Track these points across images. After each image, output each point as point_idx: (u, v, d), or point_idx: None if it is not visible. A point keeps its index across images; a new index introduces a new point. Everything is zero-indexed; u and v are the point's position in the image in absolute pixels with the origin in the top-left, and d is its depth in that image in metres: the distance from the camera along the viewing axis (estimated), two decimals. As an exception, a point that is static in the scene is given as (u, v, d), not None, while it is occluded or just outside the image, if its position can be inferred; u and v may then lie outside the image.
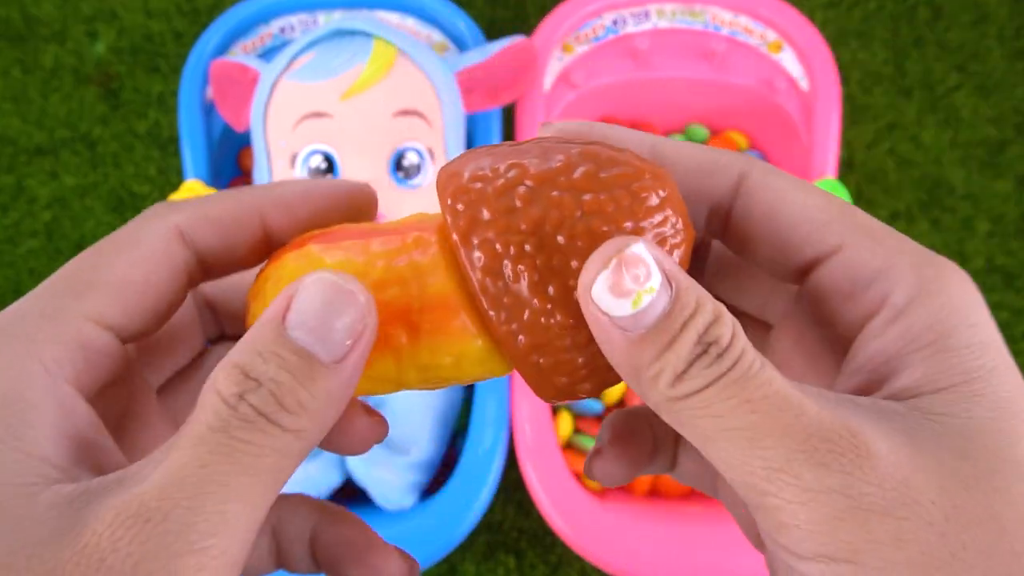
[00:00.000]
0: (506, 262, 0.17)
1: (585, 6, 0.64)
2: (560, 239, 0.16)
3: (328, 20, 0.67)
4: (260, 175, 0.57)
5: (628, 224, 0.17)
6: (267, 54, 0.67)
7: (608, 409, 0.61)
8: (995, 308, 0.70)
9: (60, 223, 0.72)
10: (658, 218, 0.17)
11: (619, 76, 0.65)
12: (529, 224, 0.17)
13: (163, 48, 0.77)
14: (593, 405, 0.60)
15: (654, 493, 0.60)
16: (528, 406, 0.56)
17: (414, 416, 0.56)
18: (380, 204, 0.56)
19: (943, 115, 0.75)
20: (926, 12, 0.77)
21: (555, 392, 0.18)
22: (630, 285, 0.15)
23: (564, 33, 0.64)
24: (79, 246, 0.72)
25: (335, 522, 0.20)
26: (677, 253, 0.17)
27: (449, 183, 0.17)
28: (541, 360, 0.17)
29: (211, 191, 0.58)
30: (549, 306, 0.17)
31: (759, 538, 0.20)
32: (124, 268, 0.16)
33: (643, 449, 0.21)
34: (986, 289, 0.71)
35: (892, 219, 0.72)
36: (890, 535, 0.14)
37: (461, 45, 0.65)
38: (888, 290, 0.16)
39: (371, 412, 0.20)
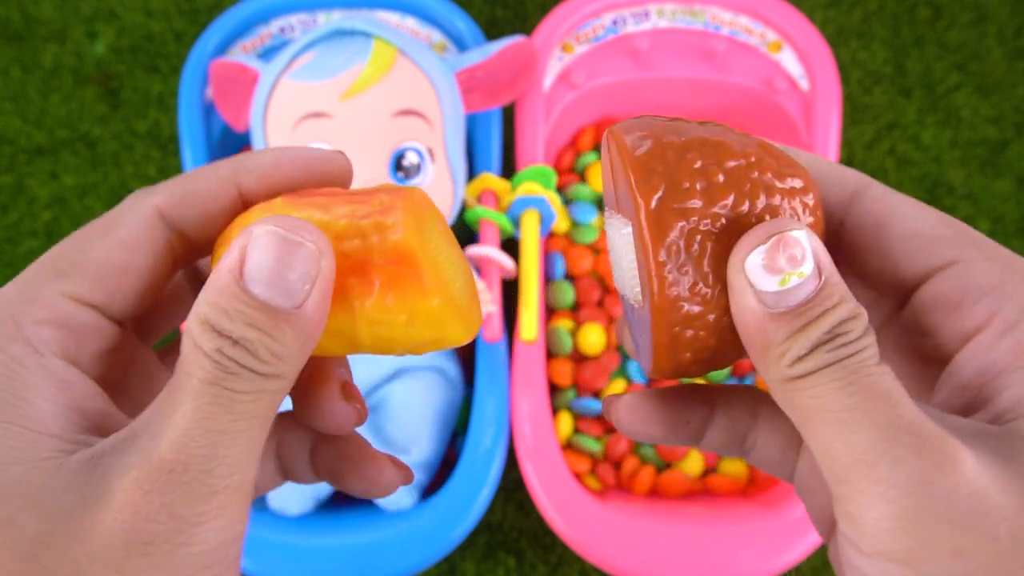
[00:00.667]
0: (697, 236, 0.18)
1: (585, 6, 0.64)
2: (742, 224, 0.18)
3: (328, 20, 0.67)
4: (260, 175, 0.57)
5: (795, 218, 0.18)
6: (267, 54, 0.67)
7: (608, 409, 0.61)
8: (995, 308, 0.70)
9: (60, 223, 0.72)
10: (811, 219, 0.18)
11: (619, 76, 0.65)
12: (722, 204, 0.18)
13: (163, 48, 0.77)
14: (593, 405, 0.60)
15: (654, 493, 0.60)
16: (528, 406, 0.56)
17: (414, 416, 0.56)
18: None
19: (943, 115, 0.75)
20: (926, 12, 0.77)
21: (672, 366, 0.19)
22: (783, 264, 0.16)
23: (564, 33, 0.64)
24: (79, 246, 0.72)
25: (330, 438, 0.21)
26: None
27: (641, 143, 0.18)
28: (682, 331, 0.18)
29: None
30: (713, 283, 0.18)
31: (826, 526, 0.20)
32: (104, 251, 0.17)
33: (674, 415, 0.21)
34: (986, 289, 0.71)
35: (892, 219, 0.72)
36: (951, 544, 0.14)
37: (461, 45, 0.65)
38: (999, 306, 0.17)
39: (348, 396, 0.20)
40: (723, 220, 0.18)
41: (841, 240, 0.19)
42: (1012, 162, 0.73)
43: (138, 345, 0.20)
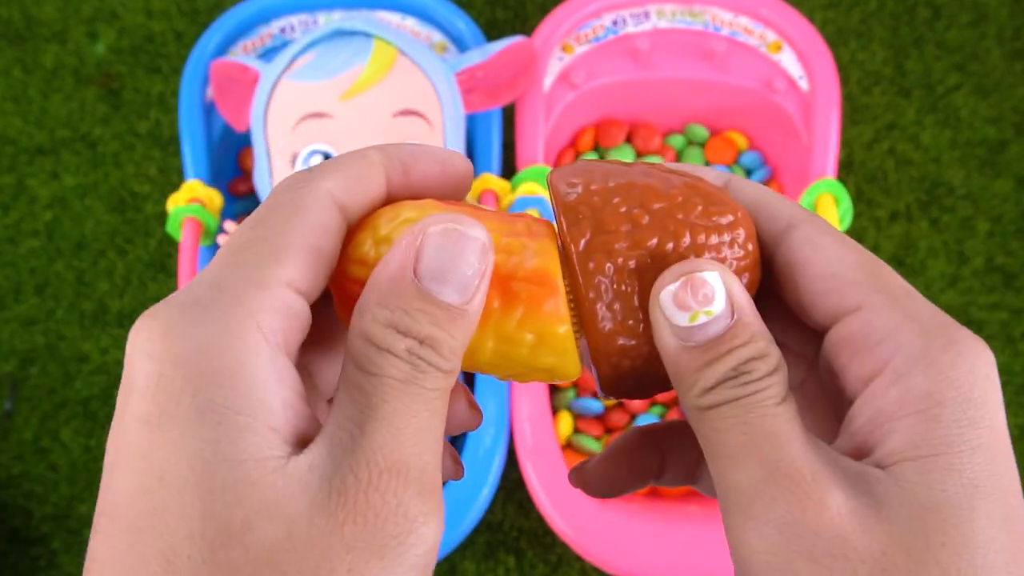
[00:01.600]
0: (625, 274, 0.18)
1: (585, 6, 0.64)
2: (667, 262, 0.18)
3: (328, 20, 0.67)
4: (260, 175, 0.57)
5: (717, 255, 0.19)
6: (267, 54, 0.67)
7: (608, 409, 0.62)
8: (994, 308, 0.70)
9: (60, 223, 0.73)
10: (741, 252, 0.19)
11: (619, 76, 0.65)
12: (647, 244, 0.18)
13: (164, 48, 0.77)
14: (593, 405, 0.60)
15: (654, 493, 0.60)
16: (528, 406, 0.56)
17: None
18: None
19: (943, 115, 0.75)
20: (926, 12, 0.77)
21: (617, 391, 0.20)
22: (691, 303, 0.17)
23: (564, 33, 0.64)
24: (79, 246, 0.72)
25: None
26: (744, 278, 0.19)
27: (570, 190, 0.19)
28: (619, 362, 0.19)
29: (212, 191, 0.58)
30: (643, 318, 0.18)
31: None
32: (304, 235, 0.17)
33: (635, 469, 0.22)
34: (986, 289, 0.71)
35: (892, 219, 0.72)
36: None
37: (461, 45, 0.65)
38: (892, 354, 0.17)
39: (472, 403, 0.21)
40: (649, 259, 0.18)
41: (771, 275, 0.20)
42: (1011, 162, 0.73)
43: None
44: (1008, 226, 0.72)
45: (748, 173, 0.69)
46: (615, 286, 0.18)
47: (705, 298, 0.17)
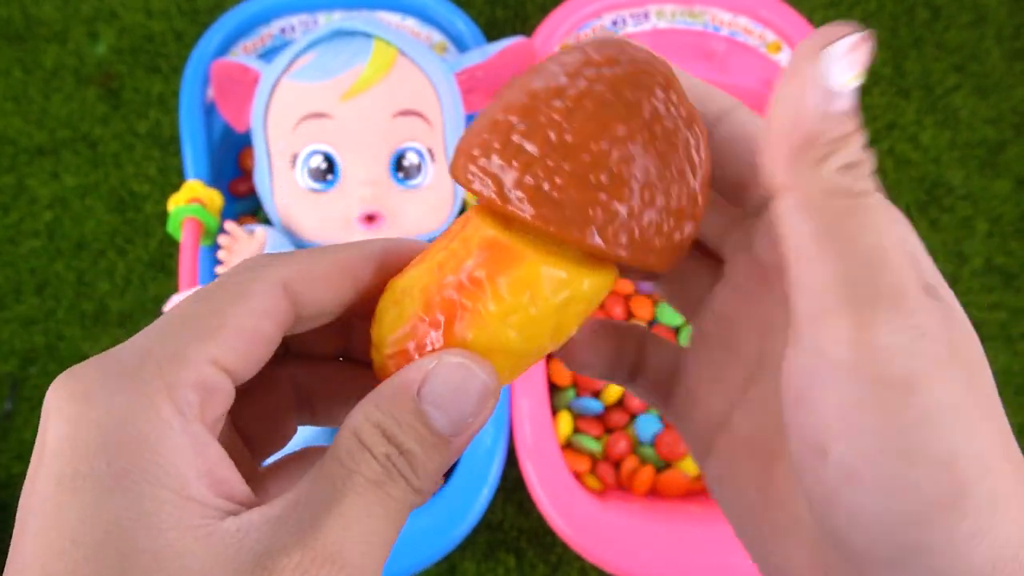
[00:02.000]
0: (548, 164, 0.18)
1: (585, 7, 0.64)
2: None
3: (328, 21, 0.67)
4: (261, 175, 0.57)
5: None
6: (267, 54, 0.67)
7: (607, 409, 0.62)
8: (994, 308, 0.70)
9: (61, 223, 0.73)
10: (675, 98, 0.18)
11: (619, 76, 0.65)
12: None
13: (164, 48, 0.77)
14: (593, 405, 0.60)
15: (654, 493, 0.60)
16: (528, 406, 0.56)
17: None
18: (381, 204, 0.56)
19: (942, 115, 0.75)
20: (925, 13, 0.77)
21: (669, 262, 0.19)
22: (857, 61, 0.15)
23: (564, 33, 0.65)
24: (79, 246, 0.72)
25: None
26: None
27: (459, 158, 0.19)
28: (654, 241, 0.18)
29: (212, 191, 0.58)
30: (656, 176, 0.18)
31: (703, 446, 0.21)
32: (240, 318, 0.17)
33: (615, 349, 0.22)
34: (985, 289, 0.71)
35: (891, 219, 0.72)
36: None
37: (461, 45, 0.65)
38: None
39: None
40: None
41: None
42: (1010, 162, 0.74)
43: None
44: (1007, 226, 0.72)
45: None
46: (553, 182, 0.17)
47: (863, 63, 0.15)
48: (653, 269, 0.18)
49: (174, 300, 0.55)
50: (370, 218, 0.54)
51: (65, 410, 0.15)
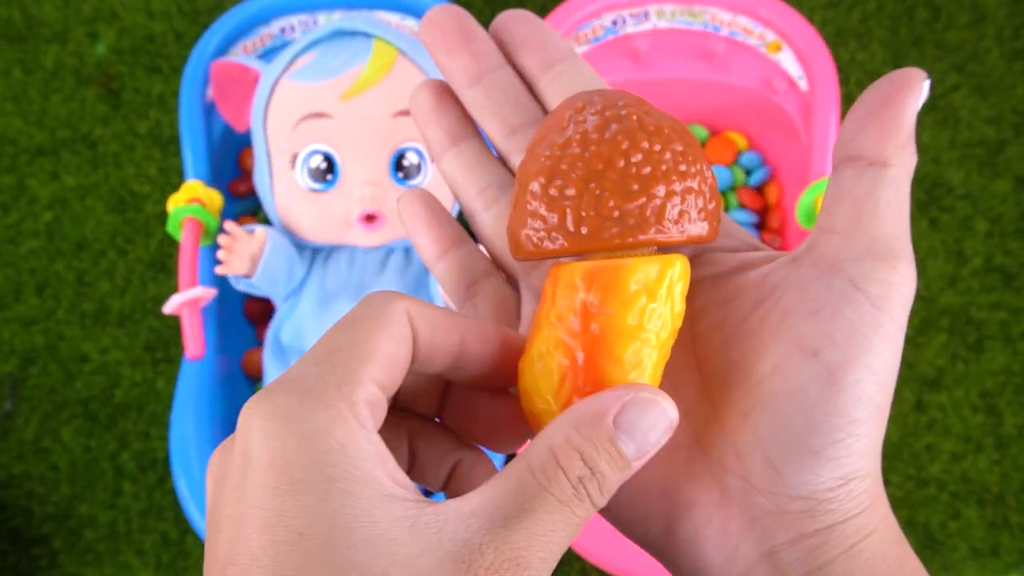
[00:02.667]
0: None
1: (585, 6, 0.64)
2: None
3: (328, 21, 0.67)
4: (260, 175, 0.57)
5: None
6: (267, 55, 0.67)
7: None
8: (994, 308, 0.71)
9: (61, 223, 0.73)
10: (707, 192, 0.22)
11: (619, 76, 0.65)
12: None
13: (164, 48, 0.77)
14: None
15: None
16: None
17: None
18: (381, 204, 0.56)
19: (942, 115, 0.75)
20: (925, 12, 0.77)
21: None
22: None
23: (563, 33, 0.65)
24: (80, 246, 0.72)
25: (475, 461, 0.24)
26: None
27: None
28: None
29: (212, 191, 0.59)
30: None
31: None
32: (384, 342, 0.20)
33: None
34: (985, 289, 0.71)
35: (891, 219, 0.73)
36: None
37: (461, 45, 0.65)
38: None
39: None
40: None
41: None
42: (1010, 162, 0.74)
43: None
44: (1007, 226, 0.72)
45: (748, 173, 0.69)
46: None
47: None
48: (706, 241, 0.21)
49: (174, 300, 0.55)
50: (370, 218, 0.54)
51: (269, 428, 0.18)
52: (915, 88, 0.21)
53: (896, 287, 0.21)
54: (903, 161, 0.21)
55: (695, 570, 0.22)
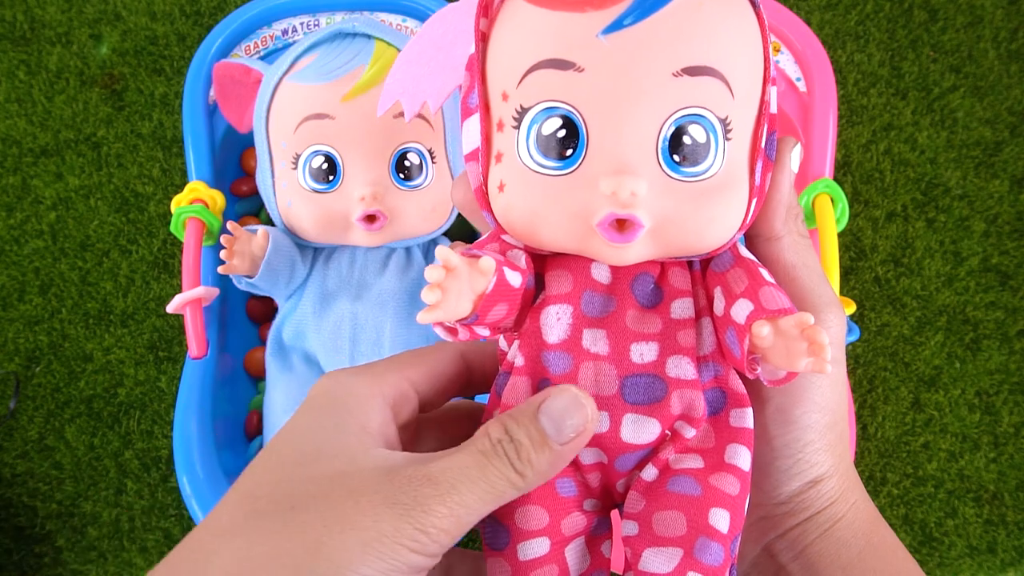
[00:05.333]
0: None
1: (584, 8, 0.65)
2: None
3: (330, 22, 0.67)
4: (263, 176, 0.58)
5: None
6: (269, 56, 0.67)
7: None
8: (990, 307, 0.71)
9: (65, 223, 0.73)
10: None
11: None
12: None
13: (167, 50, 0.77)
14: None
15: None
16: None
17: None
18: (382, 205, 0.56)
19: (939, 116, 0.75)
20: (922, 14, 0.78)
21: None
22: (798, 161, 0.29)
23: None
24: (83, 246, 0.72)
25: None
26: None
27: None
28: None
29: (215, 192, 0.59)
30: None
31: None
32: (433, 360, 0.27)
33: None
34: (982, 288, 0.71)
35: (888, 219, 0.73)
36: None
37: (461, 47, 0.66)
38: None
39: None
40: None
41: None
42: (1007, 163, 0.74)
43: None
44: (1004, 226, 0.73)
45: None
46: None
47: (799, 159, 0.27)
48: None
49: (177, 300, 0.55)
50: (371, 218, 0.55)
51: (322, 382, 0.26)
52: (784, 166, 0.26)
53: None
54: (791, 229, 0.26)
55: None
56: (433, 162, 0.56)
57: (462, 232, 0.65)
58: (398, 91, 0.28)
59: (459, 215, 0.60)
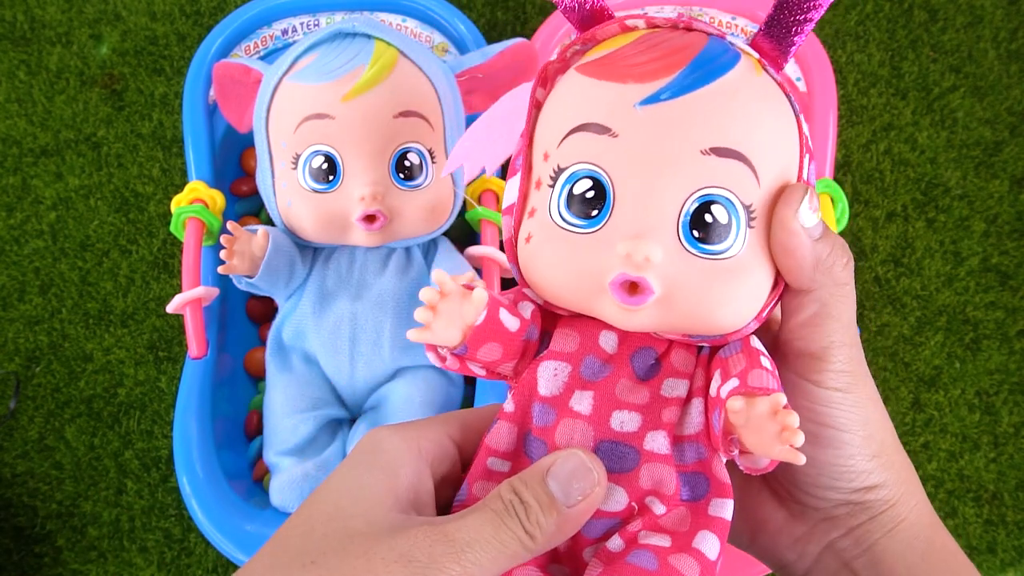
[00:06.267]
0: None
1: (584, 9, 0.65)
2: None
3: (330, 22, 0.68)
4: (263, 176, 0.58)
5: None
6: (269, 56, 0.67)
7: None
8: (990, 307, 0.71)
9: (65, 223, 0.73)
10: None
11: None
12: None
13: (167, 50, 0.77)
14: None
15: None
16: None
17: (413, 413, 0.57)
18: (382, 205, 0.56)
19: (939, 116, 0.75)
20: (922, 15, 0.78)
21: None
22: (816, 206, 0.25)
23: (564, 35, 0.65)
24: (83, 246, 0.72)
25: None
26: None
27: None
28: None
29: (214, 192, 0.59)
30: None
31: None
32: (474, 414, 0.29)
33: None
34: (982, 288, 0.71)
35: (888, 219, 0.73)
36: None
37: (461, 47, 0.66)
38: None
39: None
40: None
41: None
42: (1006, 163, 0.74)
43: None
44: (1003, 226, 0.73)
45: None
46: None
47: (818, 206, 0.25)
48: None
49: (177, 299, 0.55)
50: (371, 218, 0.55)
51: (365, 437, 0.27)
52: (783, 223, 0.25)
53: (862, 363, 0.27)
54: (824, 281, 0.26)
55: (777, 566, 0.30)
56: (433, 162, 0.56)
57: (462, 232, 0.65)
58: (462, 157, 0.30)
59: (459, 215, 0.60)
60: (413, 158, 0.56)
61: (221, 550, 0.54)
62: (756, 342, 0.27)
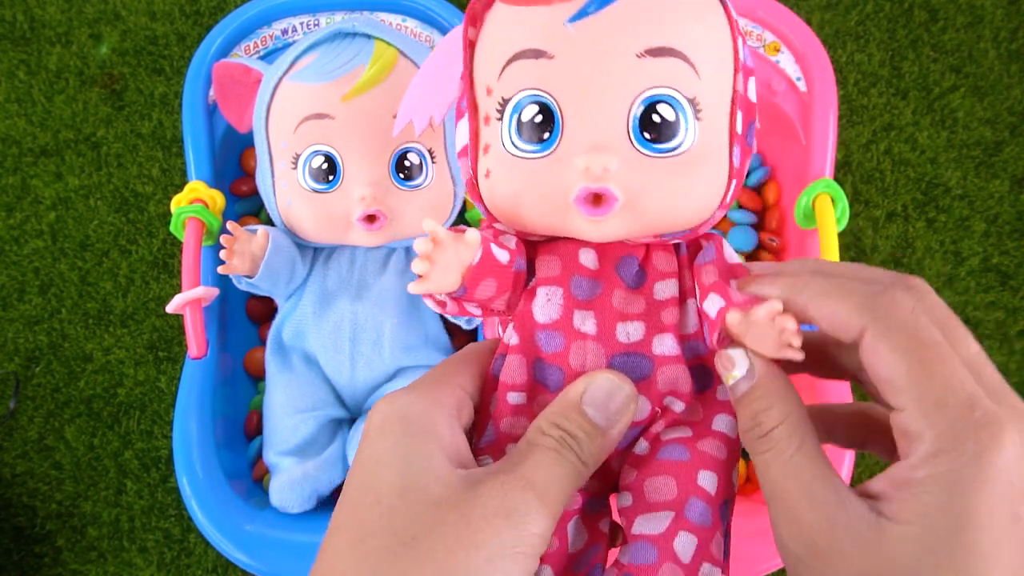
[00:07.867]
0: None
1: (584, 8, 0.65)
2: None
3: (330, 22, 0.67)
4: (262, 176, 0.58)
5: None
6: (269, 56, 0.67)
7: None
8: (990, 307, 0.71)
9: (64, 223, 0.73)
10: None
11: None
12: None
13: (166, 50, 0.77)
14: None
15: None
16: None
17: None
18: (382, 205, 0.56)
19: (939, 116, 0.75)
20: (922, 14, 0.78)
21: None
22: (724, 369, 0.25)
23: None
24: (83, 246, 0.72)
25: None
26: None
27: None
28: None
29: (214, 192, 0.59)
30: None
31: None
32: (474, 360, 0.28)
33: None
34: (981, 289, 0.71)
35: (889, 219, 0.73)
36: None
37: (461, 47, 0.66)
38: (918, 447, 0.22)
39: None
40: None
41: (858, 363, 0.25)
42: (1007, 163, 0.74)
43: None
44: (1004, 226, 0.73)
45: (747, 173, 0.70)
46: None
47: (730, 367, 0.25)
48: None
49: (177, 299, 0.55)
50: (371, 218, 0.55)
51: (384, 408, 0.25)
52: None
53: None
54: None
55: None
56: (433, 162, 0.56)
57: (462, 232, 0.64)
58: (410, 112, 0.31)
59: (460, 215, 0.60)
60: (413, 158, 0.56)
61: (221, 550, 0.54)
62: (729, 251, 0.28)
